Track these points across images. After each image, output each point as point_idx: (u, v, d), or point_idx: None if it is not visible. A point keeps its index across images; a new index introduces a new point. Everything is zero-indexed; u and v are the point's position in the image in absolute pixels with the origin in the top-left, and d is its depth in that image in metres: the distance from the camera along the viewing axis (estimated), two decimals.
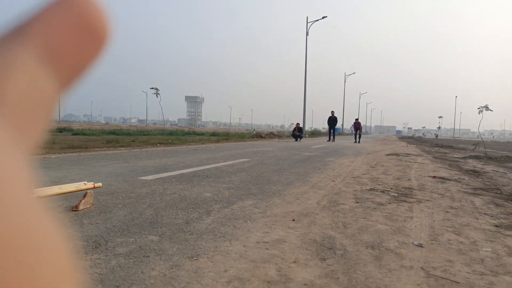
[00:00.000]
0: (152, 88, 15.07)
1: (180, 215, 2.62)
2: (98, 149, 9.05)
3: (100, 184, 3.56)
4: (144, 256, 1.80)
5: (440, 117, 24.31)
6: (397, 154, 10.56)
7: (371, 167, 6.67)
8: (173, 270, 1.65)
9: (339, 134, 44.17)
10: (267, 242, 2.10)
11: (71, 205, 2.69)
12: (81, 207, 2.62)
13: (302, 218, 2.70)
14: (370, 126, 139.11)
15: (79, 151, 7.92)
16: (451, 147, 18.33)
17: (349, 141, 21.70)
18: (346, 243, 2.15)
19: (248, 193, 3.58)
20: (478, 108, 11.77)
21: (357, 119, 21.23)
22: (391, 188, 4.23)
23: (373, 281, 1.63)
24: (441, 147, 17.86)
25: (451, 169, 6.85)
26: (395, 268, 1.80)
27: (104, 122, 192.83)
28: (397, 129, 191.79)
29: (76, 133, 29.48)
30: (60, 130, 32.73)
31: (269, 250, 1.97)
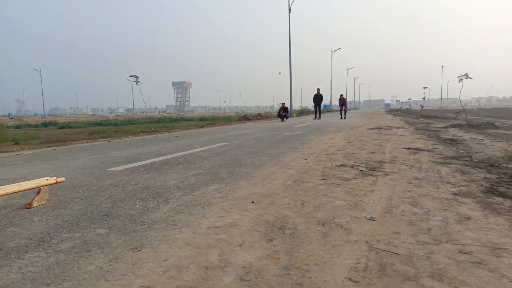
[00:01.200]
0: (132, 76, 14.77)
1: (137, 205, 2.59)
2: (76, 142, 8.92)
3: (63, 178, 3.49)
4: (85, 251, 1.77)
5: (424, 87, 24.37)
6: (379, 128, 10.61)
7: (348, 142, 6.68)
8: (112, 263, 1.62)
9: (328, 111, 44.27)
10: (218, 227, 2.09)
11: (26, 203, 2.63)
12: (35, 204, 2.56)
13: (262, 199, 2.69)
14: (359, 101, 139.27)
15: (55, 146, 7.79)
16: (436, 117, 18.50)
17: (335, 118, 21.74)
18: (298, 222, 2.14)
19: (215, 177, 3.55)
20: (458, 77, 11.80)
21: (341, 95, 21.32)
22: (362, 163, 4.24)
23: (313, 258, 1.63)
24: (426, 118, 18.02)
25: (428, 139, 6.90)
26: (339, 243, 1.80)
27: (91, 113, 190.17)
28: (386, 102, 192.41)
29: (61, 126, 28.99)
30: (45, 125, 32.18)
31: (218, 235, 1.96)
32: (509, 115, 17.95)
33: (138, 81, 14.28)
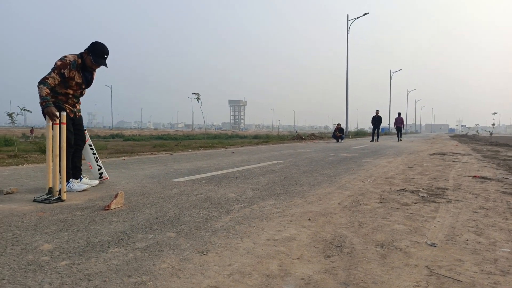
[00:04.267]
0: (194, 93, 15.57)
1: (201, 214, 2.78)
2: (142, 153, 9.58)
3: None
4: (158, 251, 1.96)
5: (494, 113, 22.55)
6: (442, 154, 10.08)
7: (408, 167, 6.47)
8: (182, 263, 1.79)
9: (386, 134, 42.70)
10: (276, 240, 2.19)
11: (105, 205, 2.94)
12: (112, 206, 2.86)
13: (319, 217, 2.74)
14: (420, 124, 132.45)
15: (124, 156, 8.45)
16: (507, 145, 17.06)
17: (394, 141, 20.96)
18: (356, 242, 2.17)
19: (272, 193, 3.67)
20: None
21: (399, 113, 21.14)
22: (423, 189, 4.10)
23: (371, 277, 1.66)
24: (496, 145, 16.69)
25: (497, 169, 6.44)
26: (398, 266, 1.80)
27: (153, 127, 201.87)
28: (450, 127, 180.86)
29: (127, 139, 31.23)
30: (113, 136, 34.91)
31: (277, 247, 2.06)
32: None
33: (199, 99, 15.01)
